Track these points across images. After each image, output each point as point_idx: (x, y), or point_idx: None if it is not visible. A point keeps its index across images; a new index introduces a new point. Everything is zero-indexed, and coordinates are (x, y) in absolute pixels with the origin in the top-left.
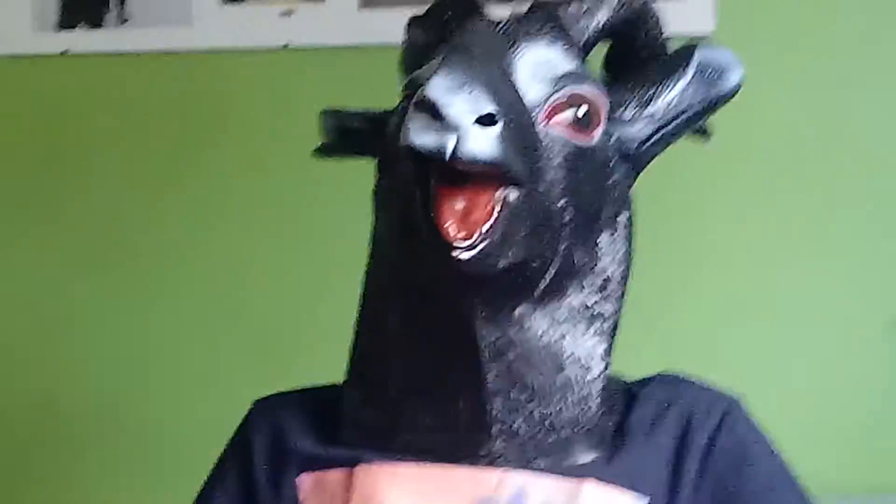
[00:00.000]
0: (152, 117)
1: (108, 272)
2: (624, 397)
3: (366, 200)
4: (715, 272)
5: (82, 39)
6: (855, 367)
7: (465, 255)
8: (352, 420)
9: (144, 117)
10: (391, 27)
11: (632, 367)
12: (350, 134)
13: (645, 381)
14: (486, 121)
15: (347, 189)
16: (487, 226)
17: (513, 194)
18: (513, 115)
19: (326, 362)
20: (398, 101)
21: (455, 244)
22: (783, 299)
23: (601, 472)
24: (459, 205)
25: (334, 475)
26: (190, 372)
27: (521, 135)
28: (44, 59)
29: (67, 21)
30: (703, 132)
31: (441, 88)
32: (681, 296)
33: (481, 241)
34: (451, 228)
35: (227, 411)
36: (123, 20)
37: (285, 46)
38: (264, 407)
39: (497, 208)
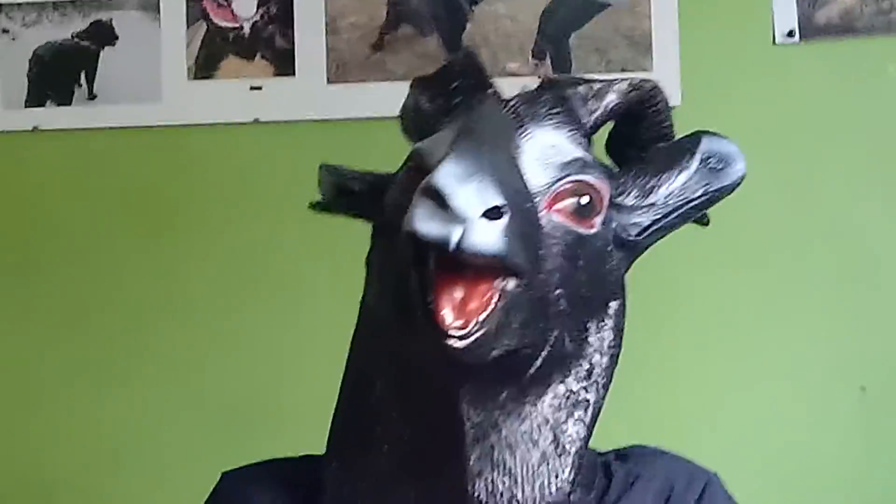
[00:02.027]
0: (122, 192)
1: (77, 346)
2: (602, 473)
3: (335, 271)
4: (689, 341)
5: (51, 116)
6: (827, 436)
7: (459, 344)
8: (334, 494)
9: (114, 192)
10: (359, 101)
11: (606, 439)
12: (347, 194)
13: (621, 455)
14: (493, 214)
15: (316, 263)
16: (484, 315)
17: (510, 284)
18: (518, 205)
19: (296, 436)
20: (399, 168)
21: (450, 332)
22: (755, 367)
23: None
24: (458, 293)
25: None
26: (160, 444)
27: (525, 225)
28: (13, 135)
29: (36, 98)
30: (701, 220)
31: (450, 177)
32: (655, 368)
33: (476, 331)
34: (447, 316)
35: (198, 483)
36: (92, 96)
37: (255, 121)
38: (234, 480)
39: (495, 298)
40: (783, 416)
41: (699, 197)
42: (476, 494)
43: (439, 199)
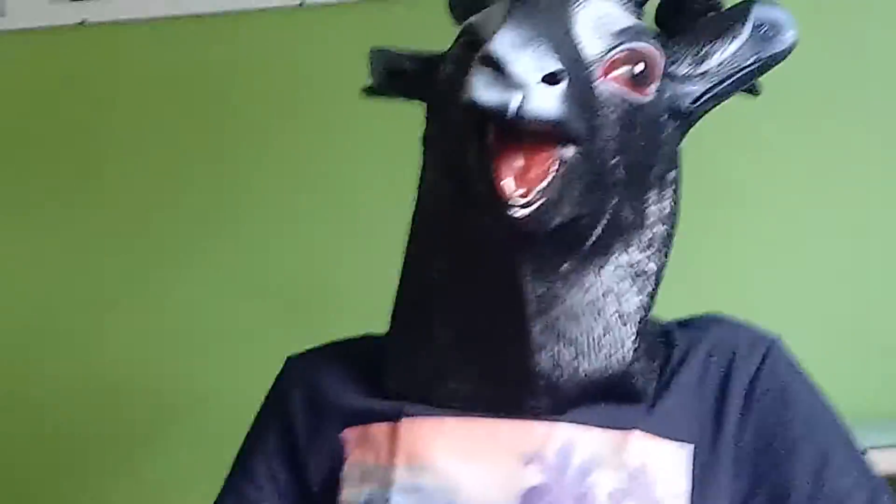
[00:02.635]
0: (172, 84)
1: (141, 241)
2: (665, 342)
3: (387, 156)
4: (744, 213)
5: (98, 9)
6: (890, 292)
7: (521, 213)
8: (397, 368)
9: (165, 84)
10: None
11: (667, 309)
12: (398, 75)
13: (683, 323)
14: (551, 80)
15: (370, 150)
16: (545, 183)
17: (569, 152)
18: (574, 71)
19: (354, 320)
20: (450, 46)
21: (512, 202)
22: (812, 230)
23: (646, 422)
24: (518, 162)
25: (378, 429)
26: (221, 337)
27: (582, 92)
28: (61, 30)
29: None
30: (753, 89)
31: (507, 45)
32: (711, 237)
33: (538, 199)
34: (508, 185)
35: (260, 375)
36: None
37: (301, 4)
38: (299, 363)
39: (555, 166)
40: (845, 276)
41: (751, 64)
42: (540, 366)
43: (497, 67)
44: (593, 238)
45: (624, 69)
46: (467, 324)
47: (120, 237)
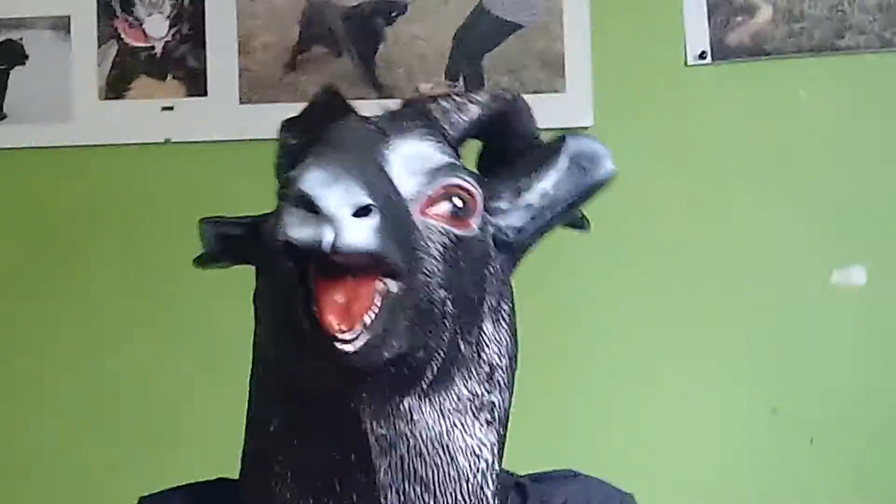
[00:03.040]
0: (31, 213)
1: None
2: (517, 493)
3: (246, 298)
4: (596, 362)
5: None
6: (739, 457)
7: (349, 348)
8: None
9: (23, 213)
10: (271, 121)
11: (522, 463)
12: (229, 241)
13: (537, 478)
14: (362, 212)
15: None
16: (370, 318)
17: (392, 286)
18: (388, 206)
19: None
20: (276, 204)
21: (338, 336)
22: (666, 388)
23: None
24: (340, 298)
25: None
26: (68, 469)
27: (398, 226)
28: None
29: None
30: (581, 224)
31: (315, 181)
32: (563, 388)
33: (364, 333)
34: (332, 321)
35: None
36: (2, 116)
37: (167, 141)
38: None
39: (378, 300)
40: (695, 438)
41: (571, 194)
42: None
43: (307, 204)
44: (431, 374)
45: (442, 205)
46: (310, 473)
47: None
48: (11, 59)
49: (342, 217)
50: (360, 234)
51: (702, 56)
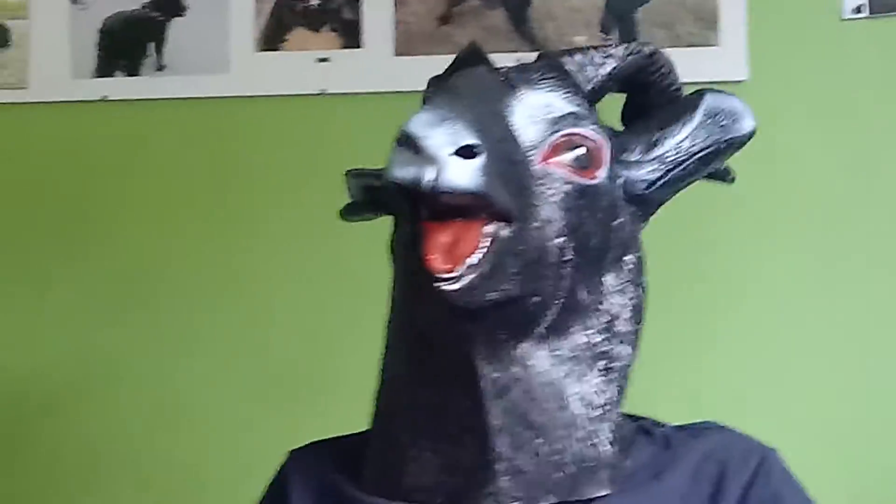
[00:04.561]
0: (189, 163)
1: (141, 314)
2: (657, 441)
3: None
4: (748, 320)
5: (120, 86)
6: (884, 408)
7: (449, 287)
8: (369, 466)
9: (182, 163)
10: (426, 73)
11: (662, 414)
12: (371, 191)
13: (681, 428)
14: (465, 153)
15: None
16: (475, 259)
17: (502, 230)
18: (500, 150)
19: (354, 406)
20: None
21: (438, 275)
22: (814, 347)
23: None
24: (445, 238)
25: None
26: (217, 417)
27: (512, 171)
28: (83, 105)
29: (105, 68)
30: (724, 177)
31: (421, 123)
32: (715, 343)
33: (467, 274)
34: (435, 261)
35: (256, 455)
36: (161, 67)
37: (322, 92)
38: (300, 459)
39: (486, 242)
40: (839, 398)
41: (705, 149)
42: (500, 451)
43: (412, 145)
44: (548, 320)
45: (565, 154)
46: (427, 417)
47: (123, 311)
48: (170, 11)
49: (444, 156)
50: (463, 174)
51: (858, 10)
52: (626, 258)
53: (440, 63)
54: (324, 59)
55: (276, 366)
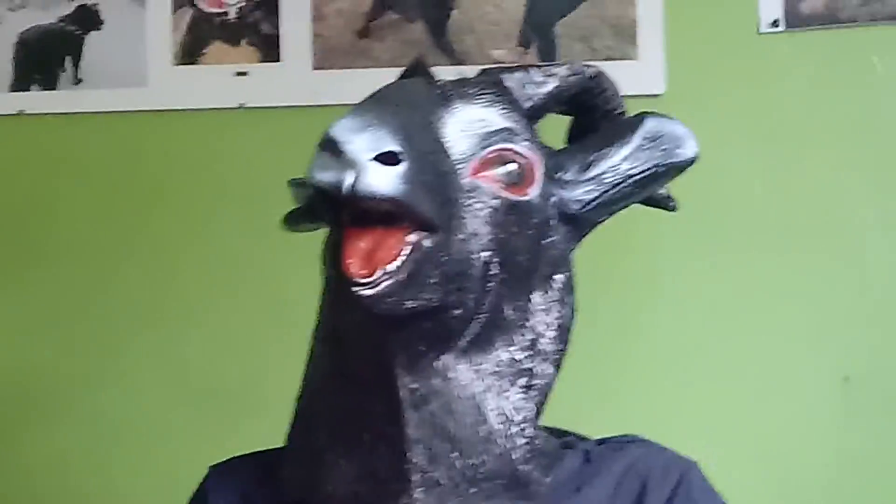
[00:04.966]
0: (107, 178)
1: (64, 334)
2: (579, 455)
3: (315, 261)
4: (670, 332)
5: (36, 100)
6: (810, 425)
7: (366, 292)
8: (287, 475)
9: (99, 178)
10: (345, 87)
11: (587, 430)
12: (311, 202)
13: (603, 442)
14: (386, 159)
15: (300, 250)
16: (392, 266)
17: (426, 240)
18: (426, 159)
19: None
20: None
21: (355, 280)
22: (738, 357)
23: None
24: (364, 244)
25: None
26: (150, 433)
27: (438, 181)
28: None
29: (21, 82)
30: (666, 204)
31: (344, 128)
32: (635, 357)
33: (382, 280)
34: (352, 266)
35: (182, 470)
36: (78, 81)
37: (240, 106)
38: (220, 474)
39: (406, 251)
40: (765, 407)
41: (643, 172)
42: (416, 462)
43: (333, 149)
44: (470, 334)
45: (498, 169)
46: (343, 425)
47: (45, 330)
48: (87, 25)
49: (364, 161)
50: (382, 180)
51: (775, 24)
52: (555, 277)
53: (359, 77)
54: (242, 73)
55: (202, 381)
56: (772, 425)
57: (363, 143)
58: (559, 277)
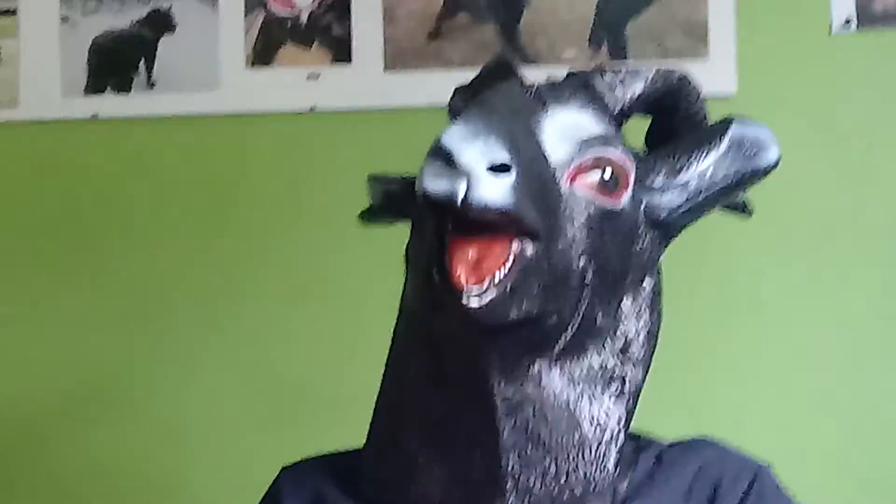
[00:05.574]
0: (181, 181)
1: (142, 335)
2: (651, 458)
3: (393, 263)
4: (746, 335)
5: (111, 104)
6: (884, 422)
7: (475, 303)
8: (369, 477)
9: (173, 181)
10: (416, 89)
11: (660, 431)
12: (391, 197)
13: (674, 444)
14: (499, 169)
15: (375, 251)
16: (499, 275)
17: (529, 248)
18: (532, 168)
19: (358, 425)
20: None
21: (465, 291)
22: (814, 358)
23: None
24: (472, 253)
25: None
26: (221, 435)
27: (541, 189)
28: (73, 123)
29: (96, 86)
30: (744, 209)
31: (456, 137)
32: (714, 364)
33: (491, 290)
34: (461, 276)
35: (260, 473)
36: (151, 84)
37: (312, 109)
38: (292, 474)
39: (511, 259)
40: (843, 417)
41: (731, 178)
42: (509, 468)
43: (446, 157)
44: (564, 340)
45: (592, 175)
46: (438, 427)
47: (121, 329)
48: (160, 29)
49: (478, 172)
50: (495, 191)
51: (847, 23)
52: (644, 283)
53: (430, 78)
54: (314, 76)
55: (280, 383)
56: (848, 424)
57: (475, 152)
58: (648, 283)
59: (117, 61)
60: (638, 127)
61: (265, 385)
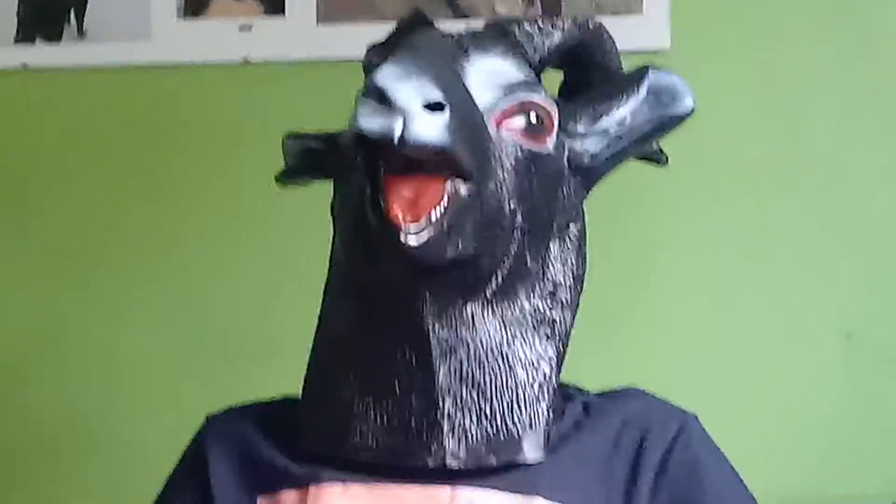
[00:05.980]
0: (111, 131)
1: (72, 284)
2: (578, 408)
3: (325, 209)
4: (670, 287)
5: (40, 53)
6: (811, 381)
7: (413, 241)
8: (306, 427)
9: (103, 131)
10: (350, 41)
11: (588, 381)
12: (311, 155)
13: (602, 394)
14: (434, 107)
15: (306, 200)
16: (436, 214)
17: (463, 188)
18: (463, 109)
19: (289, 371)
20: None
21: (402, 230)
22: (739, 313)
23: (549, 487)
24: (408, 192)
25: (288, 497)
26: (157, 380)
27: (471, 130)
28: (2, 73)
29: (25, 35)
30: (658, 158)
31: (390, 75)
32: (637, 311)
33: (429, 228)
34: (399, 214)
35: (197, 420)
36: (82, 34)
37: (245, 60)
38: (219, 422)
39: (446, 199)
40: (765, 362)
41: (648, 126)
42: (446, 411)
43: (380, 97)
44: (495, 282)
45: (518, 119)
46: (372, 375)
47: (52, 279)
48: None
49: (413, 110)
50: (430, 129)
51: None
52: (570, 228)
53: (364, 30)
54: (246, 27)
55: (212, 330)
56: (772, 380)
57: (410, 90)
58: (574, 228)
59: (47, 10)
60: (550, 82)
61: (198, 332)
